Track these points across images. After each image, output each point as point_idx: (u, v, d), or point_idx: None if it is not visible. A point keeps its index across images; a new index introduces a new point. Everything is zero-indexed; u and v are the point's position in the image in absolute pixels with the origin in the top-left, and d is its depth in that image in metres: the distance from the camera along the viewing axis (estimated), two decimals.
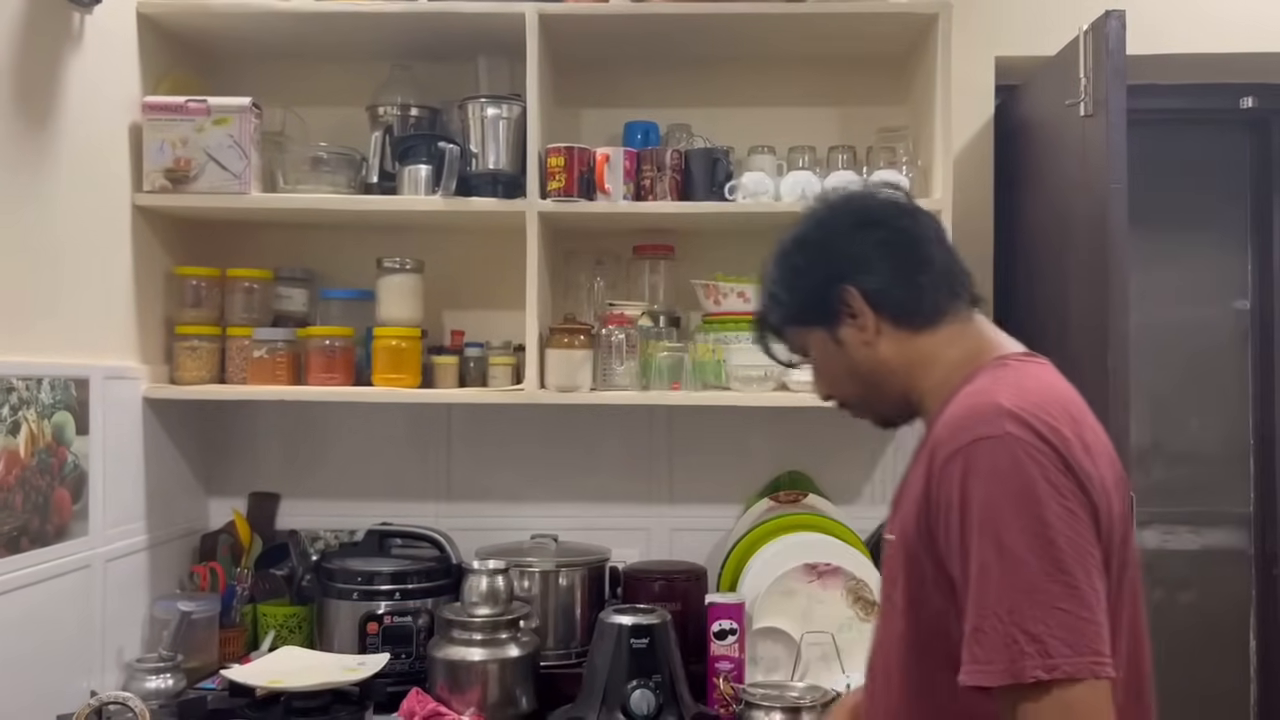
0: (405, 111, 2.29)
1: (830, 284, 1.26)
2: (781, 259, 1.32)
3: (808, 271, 1.29)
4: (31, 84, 1.77)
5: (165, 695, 1.90)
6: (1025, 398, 1.12)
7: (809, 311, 1.29)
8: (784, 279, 1.31)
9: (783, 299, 1.32)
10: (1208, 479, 2.78)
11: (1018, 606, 1.02)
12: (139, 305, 2.12)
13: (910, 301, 1.26)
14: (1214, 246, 2.80)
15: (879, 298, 1.25)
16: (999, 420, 1.09)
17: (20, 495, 1.68)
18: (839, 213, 1.31)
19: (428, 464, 2.46)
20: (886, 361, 1.27)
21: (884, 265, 1.26)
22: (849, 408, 1.36)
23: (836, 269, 1.26)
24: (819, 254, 1.29)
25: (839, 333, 1.27)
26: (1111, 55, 1.93)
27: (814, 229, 1.31)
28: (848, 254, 1.27)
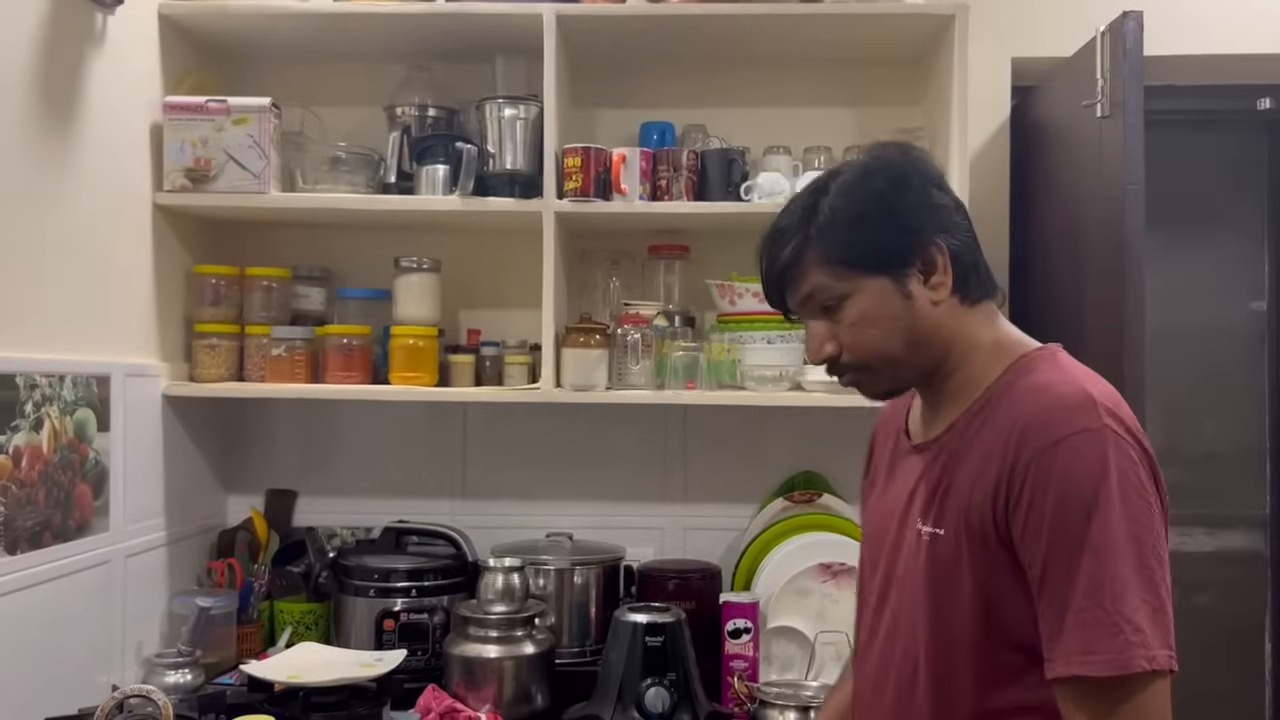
0: (423, 112, 2.30)
1: (922, 232, 1.19)
2: (867, 191, 1.20)
3: (900, 214, 1.19)
4: (54, 84, 1.78)
5: (184, 690, 1.91)
6: (1109, 393, 1.13)
7: (887, 254, 1.19)
8: (866, 216, 1.19)
9: (858, 235, 1.19)
10: (1223, 481, 2.77)
11: (1121, 596, 1.03)
12: (159, 303, 2.13)
13: (973, 273, 1.22)
14: (1230, 248, 2.79)
15: (957, 261, 1.20)
16: (1096, 413, 1.08)
17: (43, 491, 1.70)
18: (919, 166, 1.23)
19: (444, 462, 2.47)
20: (942, 327, 1.21)
21: (960, 230, 1.22)
22: (864, 371, 1.24)
23: (931, 219, 1.20)
24: (916, 199, 1.20)
25: (908, 286, 1.19)
26: (1129, 56, 1.93)
27: (902, 174, 1.21)
28: (939, 208, 1.21)
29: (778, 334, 2.18)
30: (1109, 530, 1.04)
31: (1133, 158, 1.92)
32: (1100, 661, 1.02)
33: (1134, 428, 1.10)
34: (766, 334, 2.18)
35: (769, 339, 2.18)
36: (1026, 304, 2.40)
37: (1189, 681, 2.65)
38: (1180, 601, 2.87)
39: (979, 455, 1.15)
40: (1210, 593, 2.75)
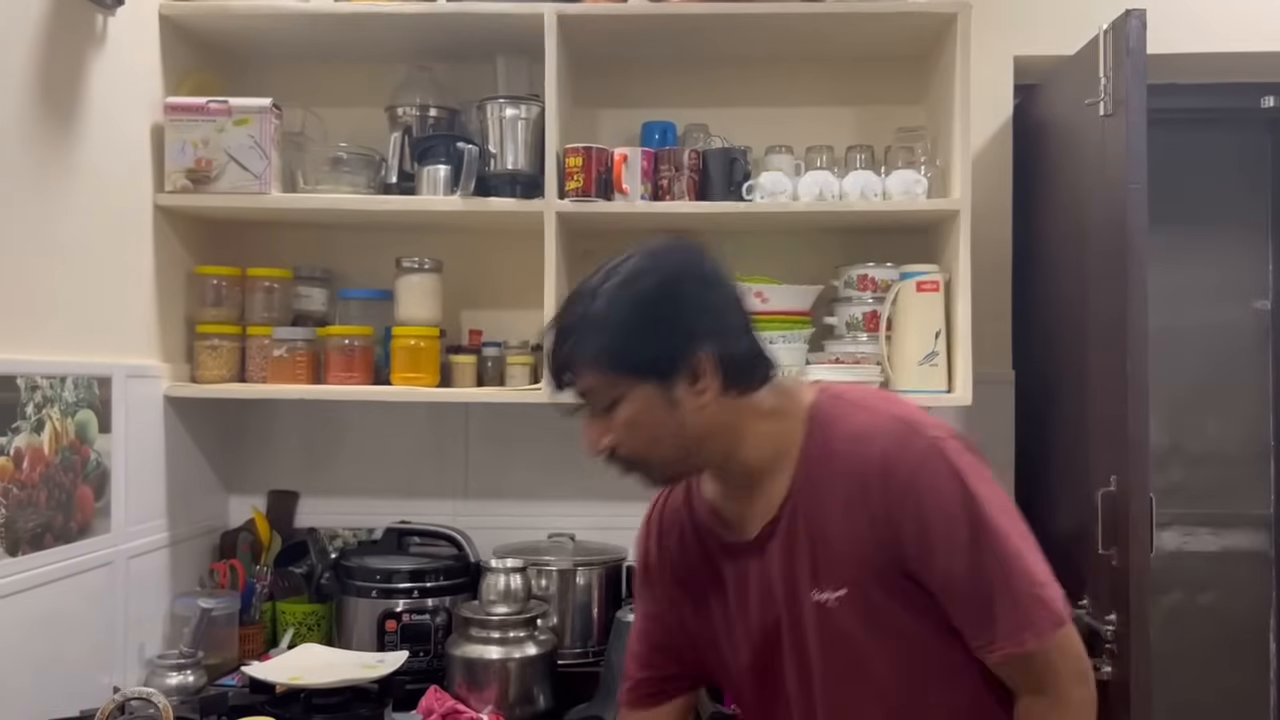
0: (424, 112, 2.30)
1: (685, 344, 1.22)
2: (630, 302, 1.22)
3: (662, 325, 1.22)
4: (55, 85, 1.78)
5: (186, 691, 1.91)
6: (906, 406, 1.28)
7: (651, 366, 1.22)
8: (630, 324, 1.21)
9: (622, 343, 1.21)
10: (1227, 480, 2.77)
11: (1027, 571, 1.19)
12: (160, 304, 2.13)
13: (747, 366, 1.26)
14: (1234, 246, 2.79)
15: (725, 361, 1.23)
16: (918, 432, 1.22)
17: (44, 493, 1.70)
18: (691, 267, 1.26)
19: (446, 463, 2.47)
20: (716, 425, 1.25)
21: (732, 327, 1.26)
22: (634, 465, 1.29)
23: (698, 325, 1.22)
24: (682, 305, 1.22)
25: (674, 393, 1.22)
26: (1132, 54, 1.92)
27: (671, 280, 1.24)
28: (709, 310, 1.24)
29: (779, 334, 2.17)
30: (988, 522, 1.18)
31: (1135, 156, 1.91)
32: (1042, 629, 1.18)
33: (940, 422, 1.25)
34: (769, 334, 2.15)
35: (771, 339, 2.16)
36: (1028, 304, 2.39)
37: (1194, 681, 2.66)
38: (1184, 601, 2.89)
39: (841, 512, 1.23)
40: (1215, 593, 2.74)
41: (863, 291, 2.23)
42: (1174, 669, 2.56)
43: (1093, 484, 2.00)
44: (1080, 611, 2.07)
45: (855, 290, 2.24)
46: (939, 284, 2.14)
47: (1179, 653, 2.67)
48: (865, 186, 2.13)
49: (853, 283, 2.25)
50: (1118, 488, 1.93)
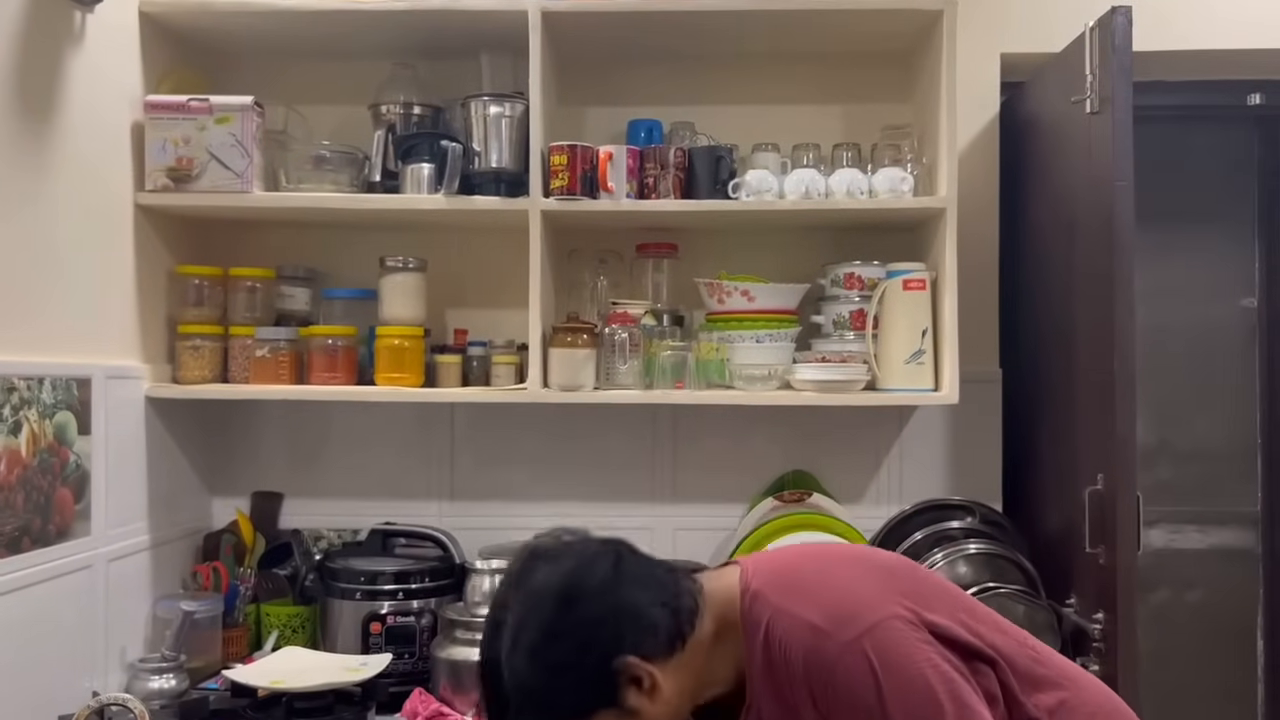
0: (408, 110, 2.28)
1: (605, 664, 1.22)
2: (542, 664, 1.23)
3: (576, 663, 1.22)
4: (33, 83, 1.76)
5: (168, 695, 1.90)
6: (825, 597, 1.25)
7: (593, 703, 1.23)
8: (547, 682, 1.23)
9: (556, 703, 1.23)
10: (1215, 478, 2.77)
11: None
12: (141, 304, 2.11)
13: (672, 639, 1.26)
14: (1221, 244, 2.79)
15: (648, 647, 1.24)
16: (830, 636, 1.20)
17: (22, 495, 1.68)
18: (575, 590, 1.25)
19: (431, 463, 2.45)
20: (678, 694, 1.26)
21: (641, 618, 1.25)
22: None
23: (610, 649, 1.22)
24: (579, 641, 1.23)
25: (630, 705, 1.23)
26: (1118, 51, 1.92)
27: (547, 625, 1.23)
28: (611, 627, 1.24)
29: (766, 333, 2.17)
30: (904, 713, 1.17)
31: (1122, 153, 1.91)
32: None
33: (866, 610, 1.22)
34: (755, 333, 2.17)
35: (758, 338, 2.17)
36: (1015, 302, 2.39)
37: (1182, 679, 2.66)
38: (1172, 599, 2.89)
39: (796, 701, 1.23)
40: (1202, 590, 2.74)
41: (849, 290, 2.22)
42: (1161, 667, 2.56)
43: (1080, 482, 1.99)
44: (1068, 610, 2.07)
45: (842, 288, 2.23)
46: (925, 282, 2.14)
47: (1166, 650, 2.67)
48: (851, 184, 2.12)
49: (839, 281, 2.24)
50: (1105, 486, 1.93)
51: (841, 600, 1.24)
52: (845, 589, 1.27)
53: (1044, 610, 2.08)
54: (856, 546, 1.63)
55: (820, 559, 1.38)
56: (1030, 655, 1.31)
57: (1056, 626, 2.07)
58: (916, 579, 1.33)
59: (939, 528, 2.28)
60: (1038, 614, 2.07)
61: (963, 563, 2.16)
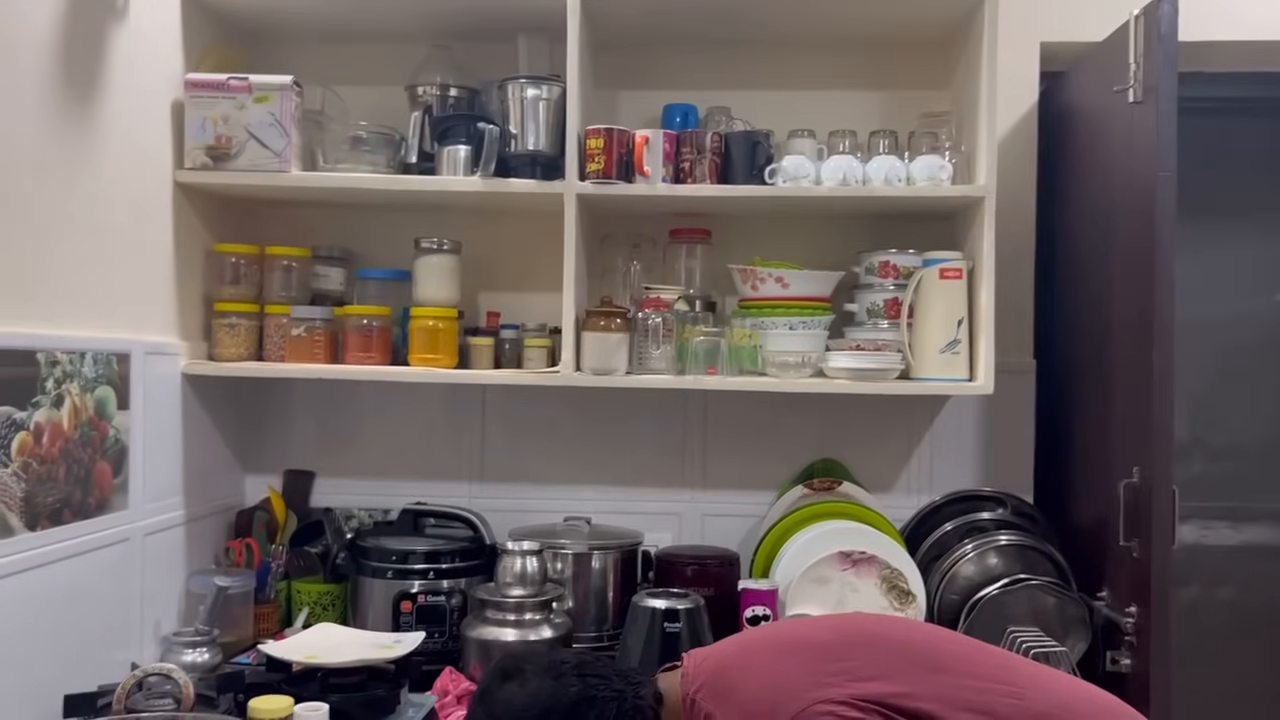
0: (444, 91, 2.28)
1: None
2: None
3: None
4: (76, 61, 1.77)
5: (201, 669, 1.91)
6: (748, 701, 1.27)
7: None
8: None
9: None
10: (1247, 474, 2.75)
11: None
12: (179, 282, 2.13)
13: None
14: (1256, 238, 2.76)
15: None
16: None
17: (63, 468, 1.70)
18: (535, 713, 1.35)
19: (462, 444, 2.46)
20: None
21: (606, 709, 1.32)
22: None
23: None
24: None
25: None
26: (1163, 41, 1.89)
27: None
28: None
29: (800, 320, 2.16)
30: None
31: (1165, 144, 1.89)
32: None
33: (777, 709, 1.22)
34: (789, 320, 2.16)
35: (791, 325, 2.16)
36: (1052, 294, 2.37)
37: (1212, 675, 2.64)
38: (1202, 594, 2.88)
39: None
40: (1233, 586, 2.73)
41: (884, 278, 2.22)
42: (1192, 662, 2.55)
43: (1115, 475, 1.98)
44: (1099, 603, 2.06)
45: (877, 277, 2.22)
46: (962, 271, 2.12)
47: (1197, 645, 2.65)
48: (889, 172, 2.11)
49: (874, 269, 2.23)
50: (1140, 479, 1.92)
51: (763, 695, 1.26)
52: (770, 682, 1.28)
53: (1075, 603, 2.07)
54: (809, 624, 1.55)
55: (754, 651, 1.40)
56: (1012, 696, 1.28)
57: (1088, 619, 2.06)
58: (870, 650, 1.33)
59: (970, 519, 2.28)
60: (1069, 606, 2.06)
61: (993, 554, 2.15)
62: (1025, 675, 1.33)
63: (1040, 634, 2.00)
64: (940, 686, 1.24)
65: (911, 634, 1.42)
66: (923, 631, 1.44)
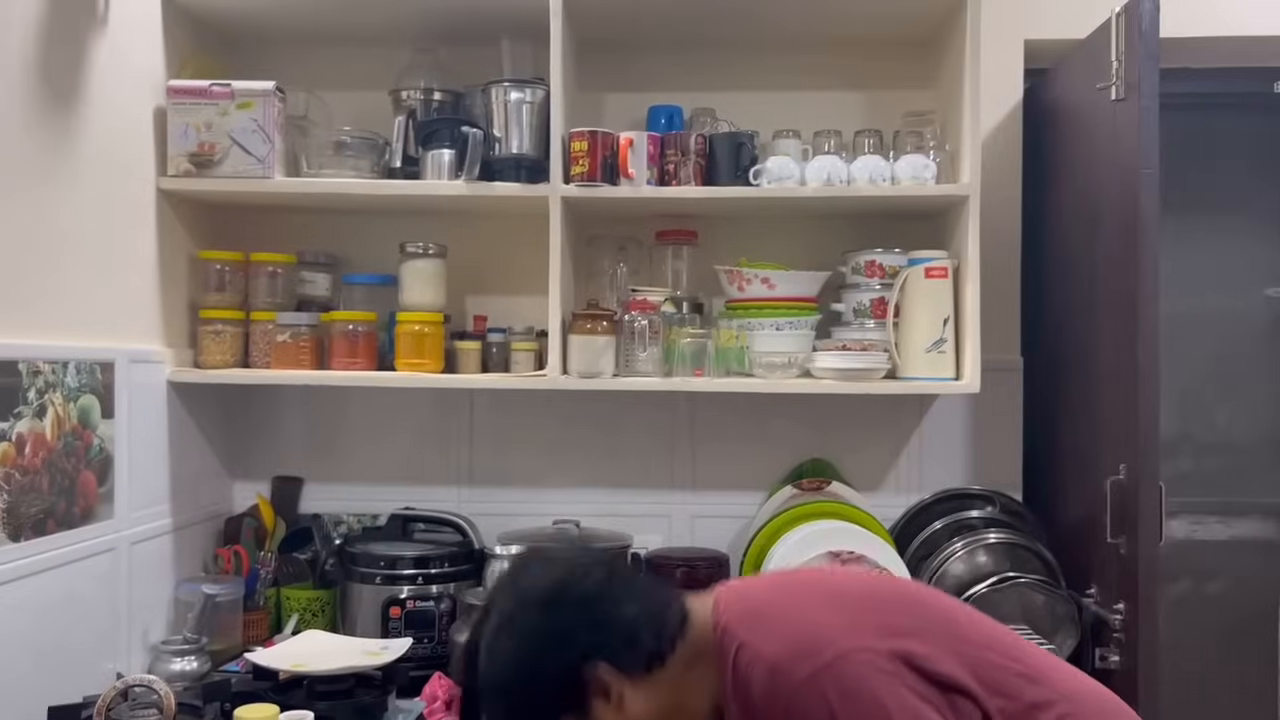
0: (428, 96, 2.28)
1: (574, 669, 1.23)
2: (508, 654, 1.26)
3: (549, 662, 1.24)
4: (56, 68, 1.77)
5: (189, 677, 1.91)
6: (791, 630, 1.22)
7: (557, 704, 1.24)
8: (515, 682, 1.25)
9: (522, 700, 1.25)
10: (1237, 469, 2.75)
11: None
12: (163, 289, 2.12)
13: (644, 657, 1.26)
14: (1245, 233, 2.76)
15: (623, 661, 1.24)
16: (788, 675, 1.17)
17: (47, 478, 1.69)
18: (550, 596, 1.27)
19: (450, 449, 2.46)
20: (647, 715, 1.25)
21: (612, 629, 1.25)
22: None
23: (577, 654, 1.23)
24: (556, 642, 1.24)
25: (594, 714, 1.24)
26: (1144, 38, 1.89)
27: (535, 612, 1.26)
28: (583, 627, 1.25)
29: (786, 320, 2.16)
30: None
31: (1148, 141, 1.89)
32: None
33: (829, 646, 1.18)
34: (775, 320, 2.16)
35: (778, 325, 2.16)
36: (1038, 291, 2.37)
37: (1202, 670, 2.65)
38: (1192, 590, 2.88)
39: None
40: (1223, 581, 2.73)
41: (870, 278, 2.21)
42: (1182, 658, 2.55)
43: (1102, 472, 1.98)
44: (1088, 600, 2.06)
45: (863, 276, 2.22)
46: (947, 270, 2.12)
47: (1187, 641, 2.66)
48: (874, 171, 2.11)
49: (860, 269, 2.23)
50: (1127, 476, 1.92)
51: (803, 634, 1.22)
52: (810, 622, 1.24)
53: (1064, 600, 2.08)
54: (840, 574, 1.55)
55: (792, 591, 1.36)
56: (1022, 677, 1.26)
57: (1076, 617, 2.06)
58: (901, 607, 1.31)
59: (958, 517, 2.28)
60: (1058, 604, 2.07)
61: (982, 552, 2.15)
62: (1035, 658, 1.33)
63: (1029, 631, 2.00)
64: (961, 655, 1.23)
65: (937, 599, 1.41)
66: (946, 599, 1.41)
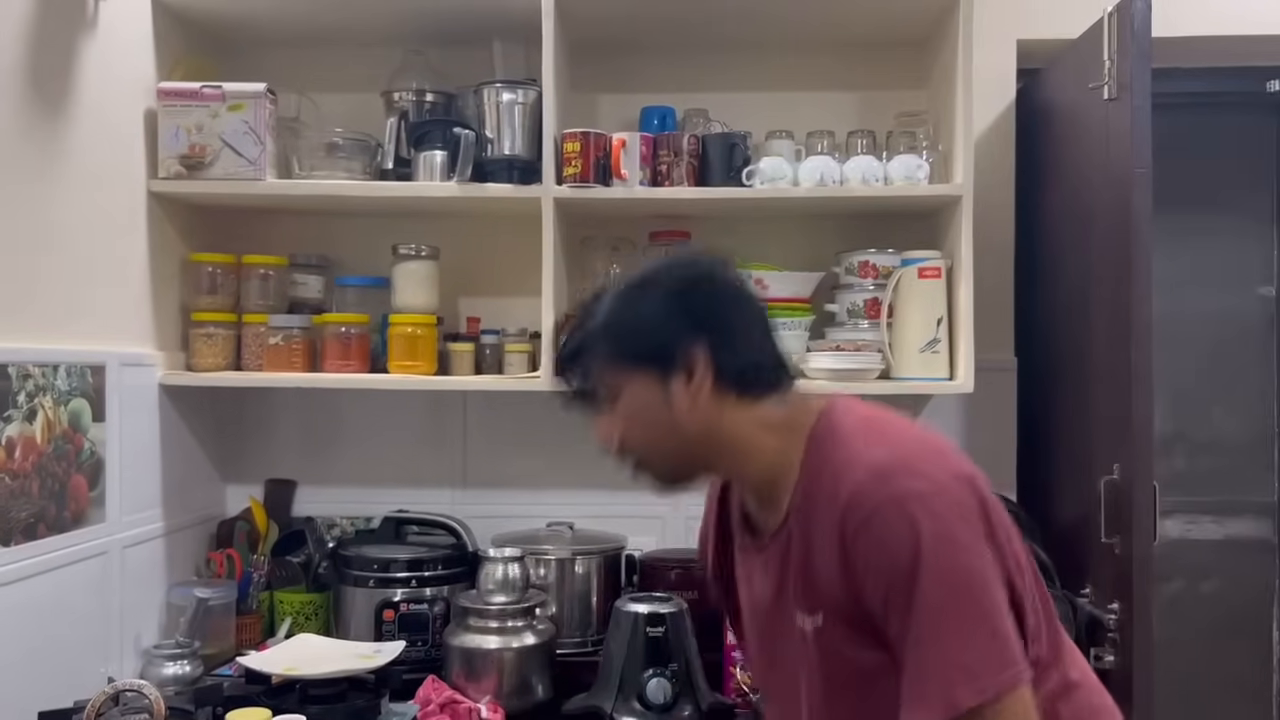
0: (420, 97, 2.27)
1: (681, 335, 1.23)
2: (632, 296, 1.27)
3: (661, 317, 1.24)
4: (46, 70, 1.76)
5: (182, 681, 1.90)
6: (895, 442, 1.19)
7: (646, 356, 1.24)
8: (630, 317, 1.26)
9: (621, 335, 1.26)
10: (1231, 468, 2.75)
11: (946, 647, 1.10)
12: (155, 292, 2.11)
13: (749, 374, 1.25)
14: (1239, 232, 2.76)
15: (723, 362, 1.23)
16: (892, 480, 1.13)
17: (37, 482, 1.68)
18: (698, 270, 1.29)
19: (444, 451, 2.45)
20: (709, 428, 1.25)
21: (735, 332, 1.25)
22: (634, 461, 1.31)
23: (690, 322, 1.24)
24: (676, 304, 1.25)
25: (669, 385, 1.23)
26: (1137, 37, 1.89)
27: (672, 279, 1.27)
28: (705, 311, 1.25)
29: (780, 321, 2.16)
30: (930, 590, 1.10)
31: (1140, 141, 1.89)
32: (928, 711, 1.10)
33: (932, 472, 1.14)
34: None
35: None
36: (1031, 291, 2.37)
37: (1196, 669, 2.65)
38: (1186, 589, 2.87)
39: (821, 542, 1.19)
40: (1218, 581, 2.73)
41: (864, 278, 2.21)
42: (1176, 657, 2.55)
43: (1096, 472, 1.98)
44: (1083, 600, 2.06)
45: (856, 277, 2.22)
46: (941, 270, 2.12)
47: (1181, 641, 2.66)
48: (866, 172, 2.11)
49: (854, 269, 2.23)
50: (1121, 476, 1.92)
51: (920, 454, 1.17)
52: (931, 447, 1.19)
53: (1059, 600, 2.06)
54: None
55: (911, 426, 1.28)
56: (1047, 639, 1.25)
57: (1071, 616, 2.06)
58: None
59: None
60: (1052, 604, 2.06)
61: None
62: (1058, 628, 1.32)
63: None
64: (1026, 583, 1.20)
65: None
66: None
